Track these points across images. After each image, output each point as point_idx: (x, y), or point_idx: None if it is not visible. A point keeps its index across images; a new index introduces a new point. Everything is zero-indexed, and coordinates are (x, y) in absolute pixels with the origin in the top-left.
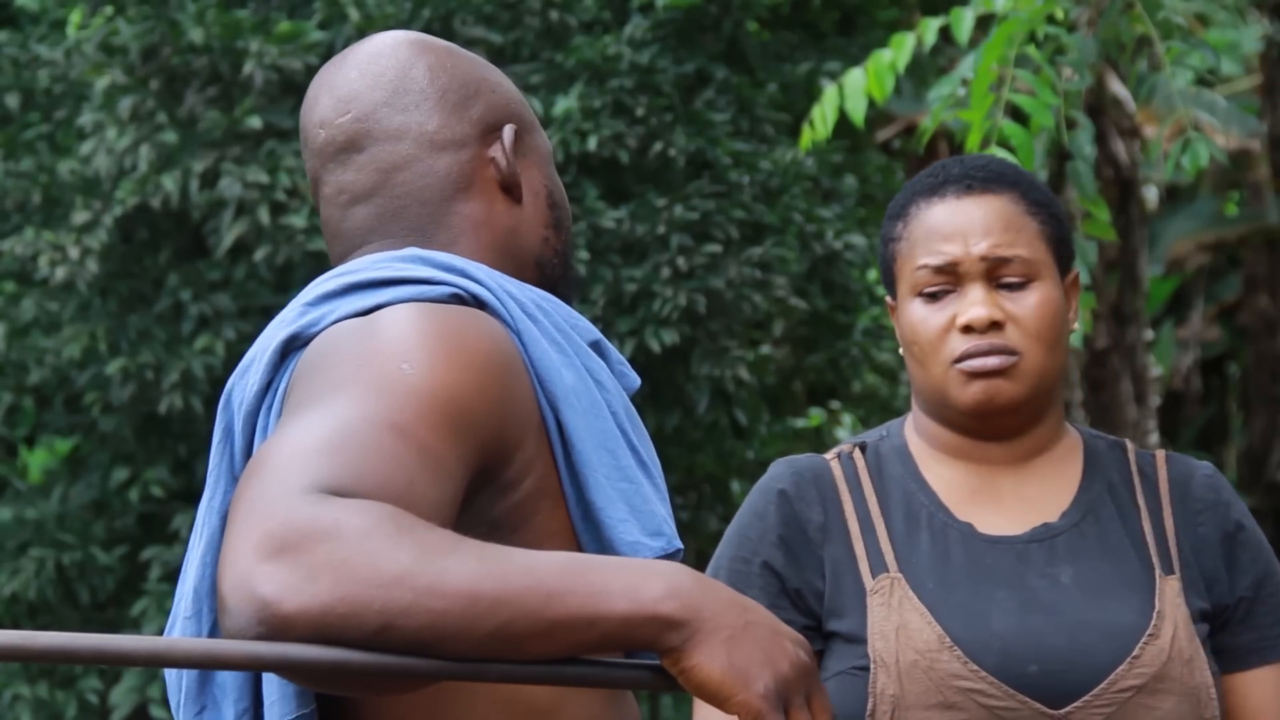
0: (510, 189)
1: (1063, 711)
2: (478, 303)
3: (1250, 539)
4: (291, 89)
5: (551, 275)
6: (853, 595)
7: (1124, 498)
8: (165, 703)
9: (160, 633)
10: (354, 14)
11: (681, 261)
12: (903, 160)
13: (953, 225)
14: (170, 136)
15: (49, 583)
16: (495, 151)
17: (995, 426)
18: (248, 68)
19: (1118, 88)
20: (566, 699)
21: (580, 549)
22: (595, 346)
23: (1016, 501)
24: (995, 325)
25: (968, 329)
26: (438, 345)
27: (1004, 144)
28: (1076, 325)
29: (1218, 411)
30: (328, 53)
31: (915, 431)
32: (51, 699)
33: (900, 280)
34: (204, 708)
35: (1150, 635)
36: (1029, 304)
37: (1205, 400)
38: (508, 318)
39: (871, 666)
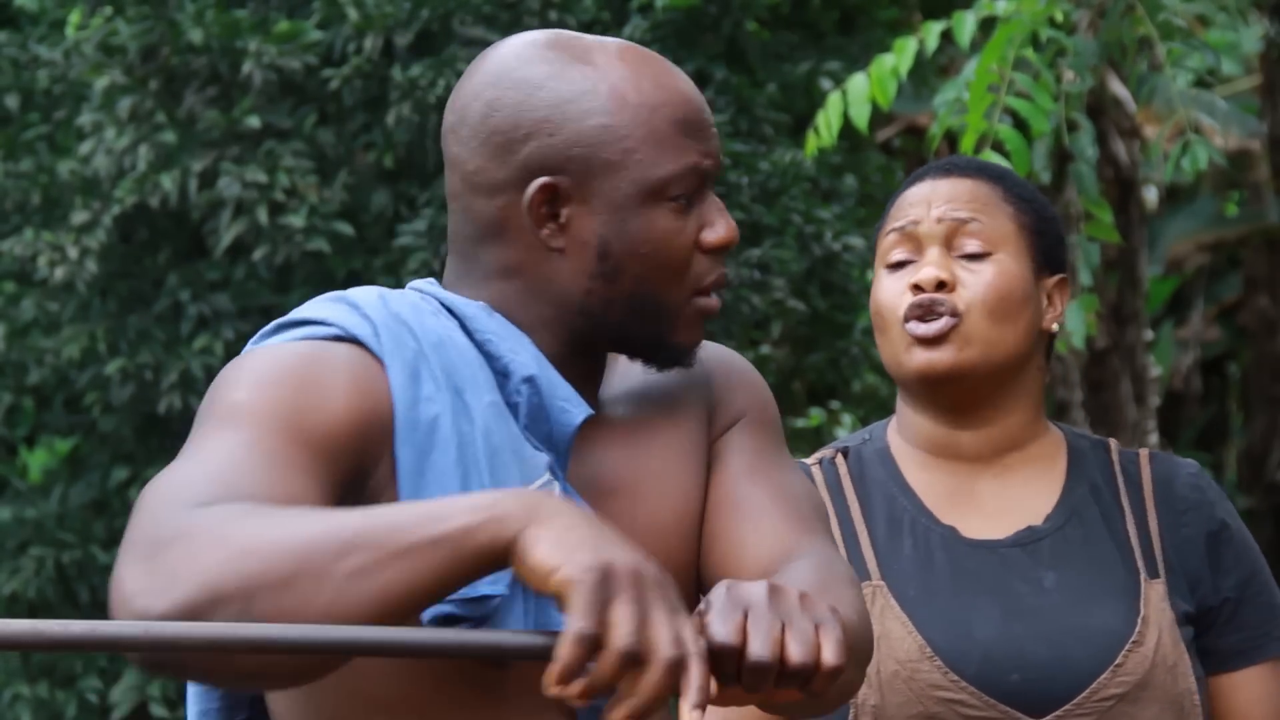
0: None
1: None
2: (355, 340)
3: (1235, 538)
4: (290, 89)
5: (607, 324)
6: None
7: (1108, 500)
8: (165, 701)
9: None
10: (353, 14)
11: None
12: (902, 160)
13: (920, 195)
14: (169, 136)
15: (48, 582)
16: (528, 201)
17: (947, 397)
18: (246, 67)
19: (1118, 88)
20: (416, 690)
21: None
22: (530, 382)
23: (999, 504)
24: (942, 285)
25: (917, 288)
26: (268, 373)
27: (999, 148)
28: (1054, 326)
29: (1218, 411)
30: (327, 52)
31: (897, 432)
32: (52, 698)
33: (876, 261)
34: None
35: (1134, 642)
36: (984, 274)
37: (1205, 400)
38: (379, 352)
39: None
